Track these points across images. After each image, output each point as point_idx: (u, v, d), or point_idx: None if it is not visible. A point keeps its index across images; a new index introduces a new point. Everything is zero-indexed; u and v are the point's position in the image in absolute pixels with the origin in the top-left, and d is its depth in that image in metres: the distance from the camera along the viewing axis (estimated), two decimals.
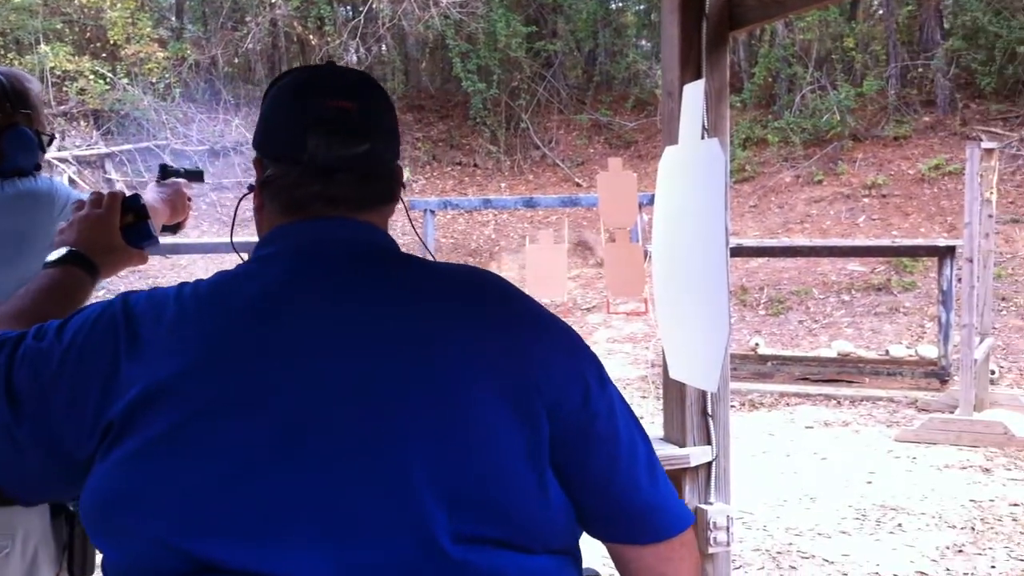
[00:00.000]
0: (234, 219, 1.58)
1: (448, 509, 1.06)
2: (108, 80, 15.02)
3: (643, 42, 17.52)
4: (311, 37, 16.44)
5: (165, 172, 2.26)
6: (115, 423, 1.07)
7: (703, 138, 2.36)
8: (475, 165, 15.62)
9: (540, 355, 1.16)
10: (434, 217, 12.98)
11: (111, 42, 15.45)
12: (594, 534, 1.24)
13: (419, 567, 1.06)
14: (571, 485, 1.16)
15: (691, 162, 2.40)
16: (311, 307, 1.14)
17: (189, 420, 1.06)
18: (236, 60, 17.00)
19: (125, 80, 15.10)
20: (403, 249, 1.25)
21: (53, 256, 1.55)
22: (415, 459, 1.07)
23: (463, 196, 14.40)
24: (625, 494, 1.20)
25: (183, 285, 1.18)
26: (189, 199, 2.27)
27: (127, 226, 1.66)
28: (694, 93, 2.39)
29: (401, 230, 14.05)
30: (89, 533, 1.11)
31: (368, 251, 1.22)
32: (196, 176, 2.29)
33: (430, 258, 1.29)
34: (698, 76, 2.46)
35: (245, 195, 1.35)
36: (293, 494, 1.05)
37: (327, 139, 1.20)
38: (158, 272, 12.07)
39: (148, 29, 15.69)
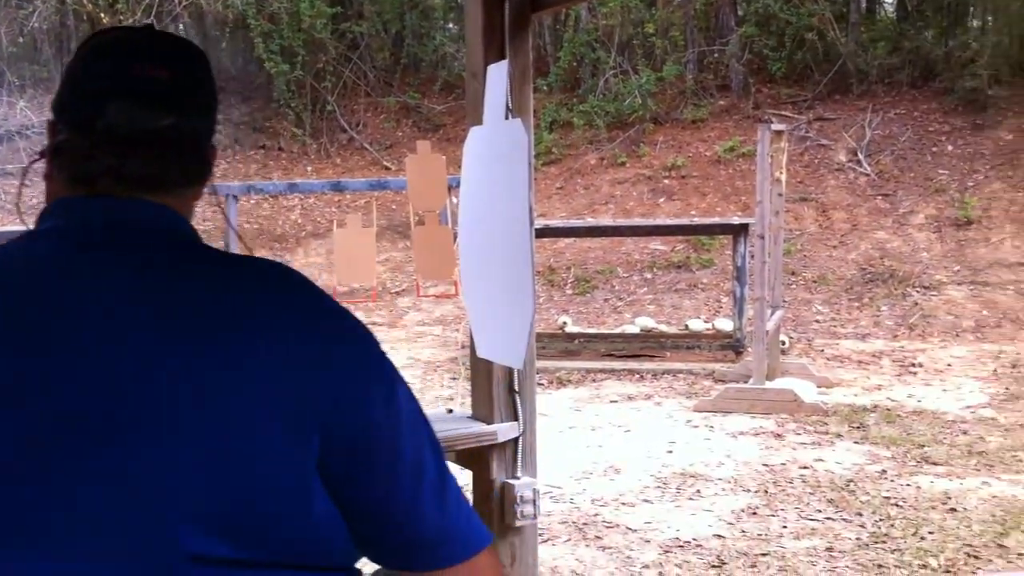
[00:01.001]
0: (20, 190, 1.43)
1: (193, 526, 0.98)
2: None
3: (450, 25, 17.54)
4: (102, 15, 15.67)
5: None
6: None
7: (507, 118, 2.40)
8: (280, 148, 15.31)
9: (323, 367, 1.06)
10: (237, 203, 12.65)
11: None
12: (373, 560, 1.17)
13: None
14: (348, 509, 1.08)
15: (495, 142, 2.43)
16: (79, 296, 1.02)
17: None
18: (21, 40, 16.02)
19: None
20: (208, 237, 1.16)
21: None
22: (166, 469, 0.98)
23: (267, 180, 14.10)
24: (408, 521, 1.12)
25: None
26: None
27: None
28: (498, 74, 2.42)
29: (201, 216, 13.65)
30: None
31: (156, 237, 1.10)
32: None
33: (236, 246, 1.17)
34: (502, 57, 2.49)
35: (34, 161, 1.22)
36: (26, 503, 0.96)
37: (129, 108, 1.08)
38: None
39: None
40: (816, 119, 13.49)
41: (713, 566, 4.20)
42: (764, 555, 4.30)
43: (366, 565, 1.20)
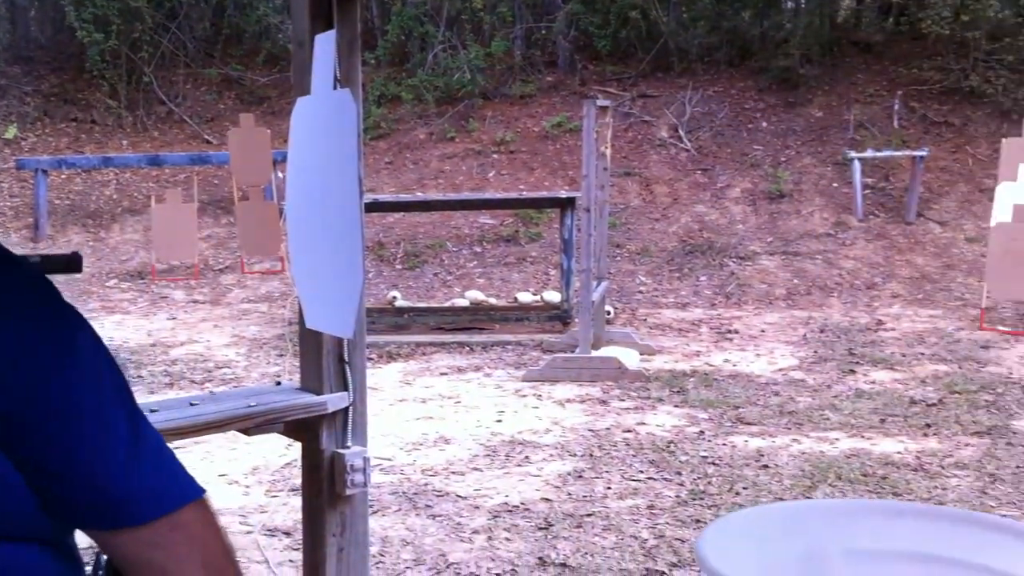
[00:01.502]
0: None
1: None
2: None
3: None
4: None
5: None
6: None
7: (335, 89, 2.39)
8: (93, 121, 14.65)
9: None
10: (47, 177, 12.10)
11: None
12: (64, 523, 1.10)
13: None
14: (28, 470, 1.03)
15: (323, 112, 2.43)
16: None
17: None
18: None
19: None
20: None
21: None
22: None
23: (80, 154, 13.50)
24: (95, 477, 1.06)
25: None
26: None
27: None
28: (325, 43, 2.41)
29: (8, 191, 12.98)
30: None
31: None
32: None
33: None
34: (329, 27, 2.47)
35: None
36: None
37: None
38: None
39: None
40: (640, 96, 13.85)
41: (540, 528, 4.32)
42: (589, 515, 4.45)
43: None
